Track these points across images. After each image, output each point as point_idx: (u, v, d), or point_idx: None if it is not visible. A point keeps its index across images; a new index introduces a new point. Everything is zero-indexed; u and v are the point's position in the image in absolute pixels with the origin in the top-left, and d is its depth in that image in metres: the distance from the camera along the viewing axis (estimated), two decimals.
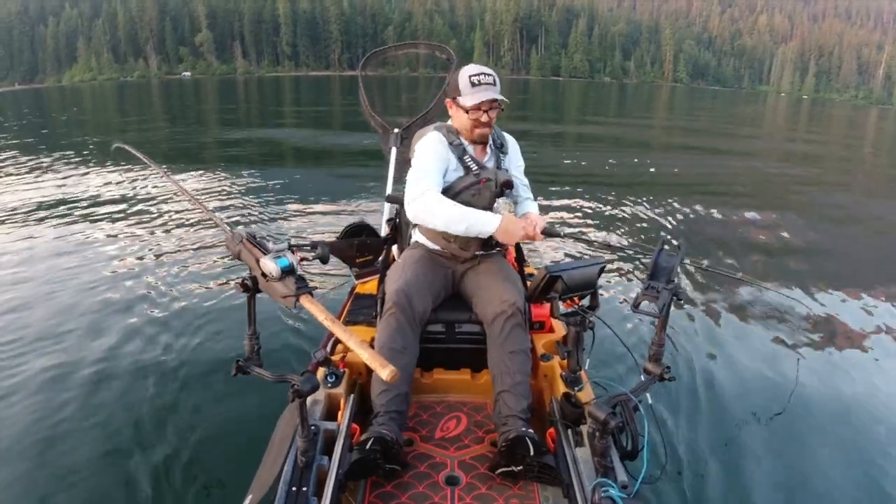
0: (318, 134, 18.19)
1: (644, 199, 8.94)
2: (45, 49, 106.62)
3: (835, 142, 23.02)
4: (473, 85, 2.36)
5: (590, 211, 8.19)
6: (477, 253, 2.50)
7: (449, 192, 2.37)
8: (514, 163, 2.64)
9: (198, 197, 2.04)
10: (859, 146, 22.31)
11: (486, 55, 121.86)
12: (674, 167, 12.65)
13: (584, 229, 7.16)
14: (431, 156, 2.39)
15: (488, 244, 2.49)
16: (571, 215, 7.87)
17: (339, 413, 2.17)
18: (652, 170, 12.12)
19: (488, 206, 2.37)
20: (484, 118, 2.40)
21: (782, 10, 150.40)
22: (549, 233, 2.41)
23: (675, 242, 1.84)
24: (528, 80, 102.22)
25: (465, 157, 2.44)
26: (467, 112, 2.39)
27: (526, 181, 2.63)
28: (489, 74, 2.39)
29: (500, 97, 2.38)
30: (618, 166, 12.55)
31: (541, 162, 12.23)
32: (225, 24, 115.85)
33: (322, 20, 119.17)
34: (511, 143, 2.66)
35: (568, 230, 2.51)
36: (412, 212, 2.33)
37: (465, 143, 2.48)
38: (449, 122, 2.55)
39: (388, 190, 3.63)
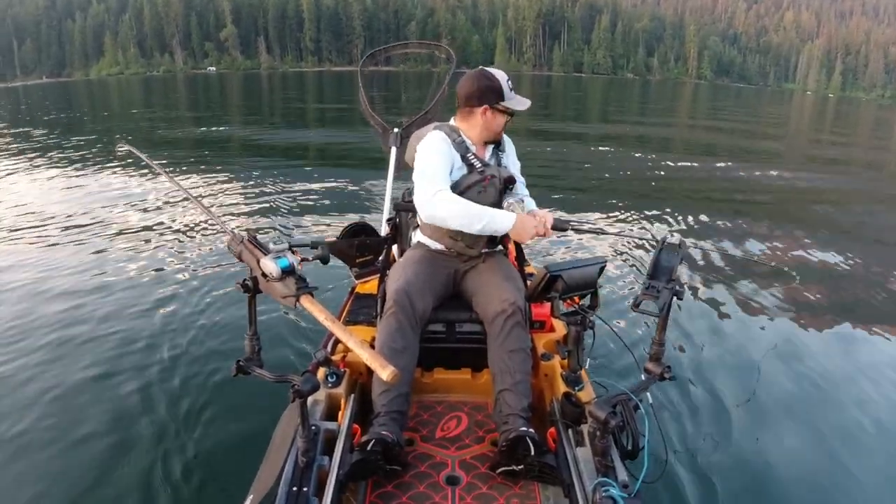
0: (330, 135, 18.15)
1: (648, 199, 8.94)
2: (73, 43, 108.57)
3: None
4: (510, 90, 2.40)
5: (594, 209, 8.23)
6: (483, 251, 2.49)
7: (455, 190, 2.34)
8: (512, 161, 2.64)
9: (199, 198, 2.05)
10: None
11: (509, 51, 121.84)
12: (681, 172, 12.49)
13: (587, 224, 7.08)
14: (437, 155, 2.37)
15: (493, 241, 2.50)
16: (575, 210, 7.93)
17: (340, 413, 2.17)
18: (662, 172, 12.01)
19: (494, 204, 2.35)
20: (508, 121, 2.47)
21: (809, 7, 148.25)
22: (557, 227, 2.41)
23: (676, 241, 1.83)
24: (550, 76, 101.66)
25: (468, 155, 2.42)
26: (511, 116, 2.44)
27: (523, 179, 2.62)
28: None
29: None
30: (625, 165, 12.45)
31: (545, 158, 12.30)
32: (249, 20, 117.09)
33: (345, 16, 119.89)
34: (508, 142, 2.65)
35: (573, 224, 2.51)
36: (427, 213, 2.30)
37: (468, 141, 2.47)
38: (451, 122, 2.54)
39: (388, 189, 3.61)
